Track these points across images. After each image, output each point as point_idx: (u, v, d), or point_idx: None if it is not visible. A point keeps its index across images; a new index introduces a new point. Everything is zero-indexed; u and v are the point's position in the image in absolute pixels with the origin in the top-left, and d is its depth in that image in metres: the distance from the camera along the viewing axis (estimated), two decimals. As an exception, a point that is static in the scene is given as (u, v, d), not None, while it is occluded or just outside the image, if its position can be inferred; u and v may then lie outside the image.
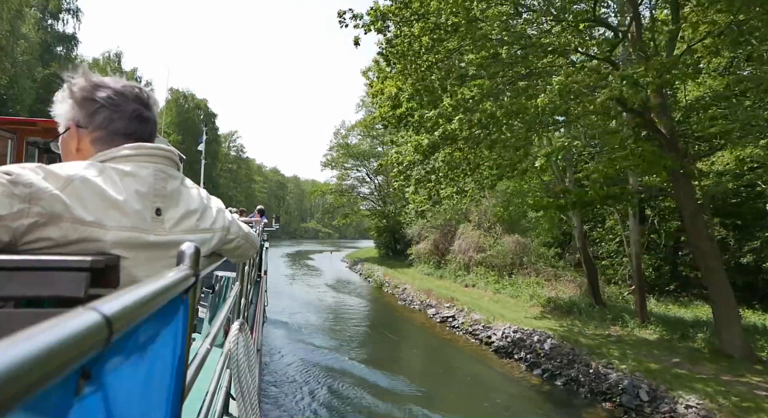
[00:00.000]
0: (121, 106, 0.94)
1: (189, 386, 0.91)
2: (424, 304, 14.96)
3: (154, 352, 0.47)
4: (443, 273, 20.40)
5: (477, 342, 10.91)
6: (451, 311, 13.17)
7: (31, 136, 4.68)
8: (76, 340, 0.25)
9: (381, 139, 30.09)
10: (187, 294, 0.56)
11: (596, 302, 12.27)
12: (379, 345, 11.13)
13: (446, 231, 22.27)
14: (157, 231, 0.87)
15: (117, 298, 0.33)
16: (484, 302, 14.47)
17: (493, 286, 16.32)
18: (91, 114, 0.92)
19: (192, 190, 1.01)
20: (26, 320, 0.22)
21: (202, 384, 1.30)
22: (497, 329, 10.74)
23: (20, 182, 0.70)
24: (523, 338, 9.73)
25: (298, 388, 7.81)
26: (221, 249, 1.09)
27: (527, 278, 15.89)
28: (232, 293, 2.27)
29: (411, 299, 16.16)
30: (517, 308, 13.37)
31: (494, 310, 12.71)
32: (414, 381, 8.39)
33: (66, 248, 0.76)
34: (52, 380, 0.23)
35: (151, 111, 1.00)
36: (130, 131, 0.95)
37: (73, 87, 0.92)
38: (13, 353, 0.20)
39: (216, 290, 4.02)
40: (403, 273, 22.91)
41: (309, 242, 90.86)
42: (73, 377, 0.29)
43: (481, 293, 16.21)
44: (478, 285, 17.11)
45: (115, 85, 0.95)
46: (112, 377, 0.35)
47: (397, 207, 28.14)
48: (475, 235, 19.37)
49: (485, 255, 18.09)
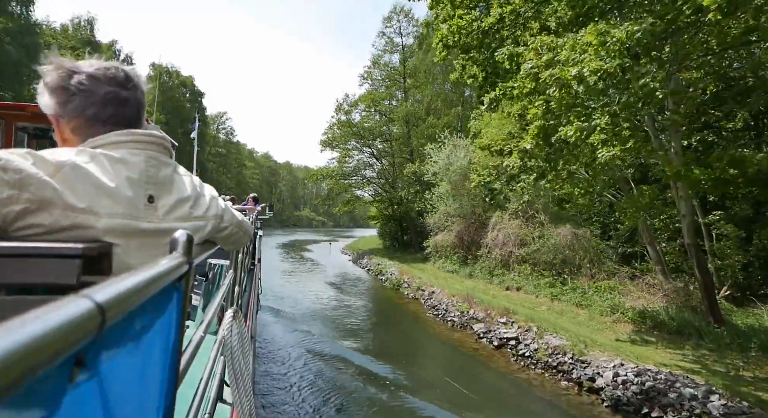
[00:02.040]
0: (93, 90, 0.89)
1: (183, 373, 0.90)
2: (465, 316, 11.50)
3: (147, 339, 0.46)
4: (472, 271, 16.99)
5: (571, 385, 7.49)
6: (511, 329, 9.74)
7: (20, 122, 4.53)
8: (69, 327, 0.25)
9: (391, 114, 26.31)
10: (181, 282, 0.55)
11: (714, 319, 8.91)
12: (430, 394, 7.65)
13: (472, 221, 18.82)
14: (150, 218, 0.86)
15: (110, 285, 0.33)
16: (545, 314, 11.08)
17: (547, 290, 12.92)
18: (64, 103, 0.88)
19: (185, 177, 0.99)
20: (18, 308, 0.22)
21: (196, 371, 1.30)
22: (600, 365, 7.34)
23: (9, 168, 0.69)
24: (658, 386, 6.32)
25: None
26: (215, 237, 1.08)
27: (592, 282, 12.49)
28: (225, 280, 2.18)
29: (445, 308, 12.69)
30: (597, 324, 10.00)
31: (570, 328, 9.32)
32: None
33: (57, 234, 0.74)
34: (45, 367, 0.23)
35: (131, 90, 0.94)
36: (105, 116, 0.90)
37: (46, 78, 0.88)
38: (5, 340, 0.19)
39: (209, 278, 3.71)
40: (420, 270, 19.46)
41: (303, 230, 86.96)
42: (67, 364, 0.29)
43: (532, 299, 12.82)
44: (526, 288, 13.71)
45: (88, 69, 0.89)
46: (105, 365, 0.35)
47: (409, 192, 24.54)
48: (515, 225, 15.93)
49: (530, 250, 14.67)
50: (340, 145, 27.72)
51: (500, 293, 14.01)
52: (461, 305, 12.06)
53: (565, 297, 12.20)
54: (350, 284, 19.59)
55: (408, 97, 26.95)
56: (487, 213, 18.82)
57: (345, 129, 27.53)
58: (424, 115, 25.20)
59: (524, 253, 14.88)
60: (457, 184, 18.99)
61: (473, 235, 18.51)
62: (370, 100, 26.05)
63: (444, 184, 19.26)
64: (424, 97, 25.89)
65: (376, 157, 27.34)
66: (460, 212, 18.80)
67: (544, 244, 14.31)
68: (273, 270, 21.12)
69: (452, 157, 18.53)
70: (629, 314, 9.99)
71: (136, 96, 0.95)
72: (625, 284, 11.97)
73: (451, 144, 19.27)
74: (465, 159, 18.44)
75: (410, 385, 7.64)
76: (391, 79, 27.76)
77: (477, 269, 16.85)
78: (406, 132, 25.86)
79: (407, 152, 27.47)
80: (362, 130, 26.88)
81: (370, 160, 28.91)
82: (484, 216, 18.56)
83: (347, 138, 27.25)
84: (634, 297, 10.99)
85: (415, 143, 25.08)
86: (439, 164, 19.00)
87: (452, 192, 19.16)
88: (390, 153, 27.26)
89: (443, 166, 18.83)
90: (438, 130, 25.50)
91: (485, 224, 18.27)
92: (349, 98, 27.29)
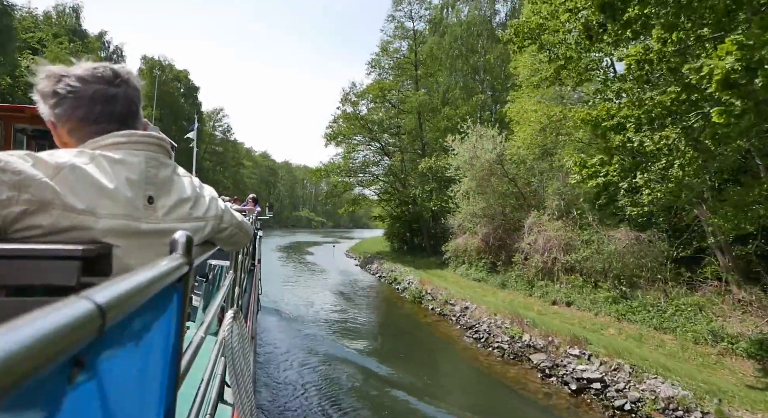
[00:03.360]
0: (81, 91, 0.88)
1: (184, 374, 0.89)
2: (518, 343, 9.15)
3: (148, 340, 0.46)
4: (505, 280, 14.66)
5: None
6: (591, 365, 7.40)
7: (19, 123, 4.52)
8: (69, 329, 0.25)
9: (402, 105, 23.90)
10: (181, 283, 0.54)
11: None
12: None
13: (499, 222, 16.51)
14: (150, 219, 0.86)
15: (110, 286, 0.33)
16: (619, 340, 8.77)
17: (610, 307, 10.60)
18: (54, 107, 0.88)
19: (184, 178, 0.99)
20: (18, 309, 0.23)
21: (197, 372, 1.29)
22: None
23: (9, 170, 0.69)
24: None
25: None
26: (214, 237, 1.07)
27: (669, 298, 10.17)
28: (225, 281, 2.17)
29: (486, 330, 10.32)
30: (696, 357, 7.69)
31: (669, 365, 7.00)
32: None
33: (57, 236, 0.74)
34: (45, 369, 0.22)
35: (120, 87, 0.91)
36: (94, 116, 0.89)
37: (38, 86, 0.88)
38: (5, 342, 0.19)
39: (210, 279, 3.75)
40: (440, 278, 17.14)
41: (302, 231, 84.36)
42: (67, 365, 0.29)
43: (590, 318, 10.51)
44: (579, 304, 11.39)
45: (76, 72, 0.88)
46: (105, 366, 0.35)
47: (424, 190, 22.18)
48: (557, 227, 13.61)
49: (579, 257, 12.35)
50: (346, 139, 25.31)
51: (547, 309, 11.68)
52: (511, 328, 9.70)
53: (636, 317, 9.88)
54: (362, 294, 17.23)
55: (419, 87, 24.57)
56: (517, 213, 16.52)
57: (352, 122, 25.16)
58: (439, 106, 22.80)
59: (571, 260, 12.57)
60: (483, 181, 16.69)
61: (502, 237, 16.20)
62: (378, 89, 23.66)
63: (467, 180, 16.93)
64: (441, 85, 23.43)
65: (386, 153, 24.91)
66: (487, 211, 16.45)
67: (598, 249, 12.00)
68: (273, 276, 18.83)
69: (478, 150, 16.19)
70: (741, 344, 7.67)
71: (126, 92, 0.93)
72: (711, 299, 9.67)
73: (476, 134, 16.92)
74: (493, 152, 16.11)
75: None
76: (401, 67, 25.39)
77: (511, 278, 14.52)
78: (418, 125, 23.46)
79: (419, 147, 25.15)
80: (370, 122, 24.47)
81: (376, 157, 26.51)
82: (514, 217, 16.24)
83: (355, 131, 24.86)
84: (735, 319, 8.67)
85: (429, 137, 22.72)
86: (464, 157, 16.64)
87: (477, 190, 16.84)
88: (400, 148, 24.87)
89: (467, 161, 16.48)
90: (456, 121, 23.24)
91: (517, 225, 15.96)
92: (357, 87, 24.85)
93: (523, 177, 16.86)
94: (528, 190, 16.69)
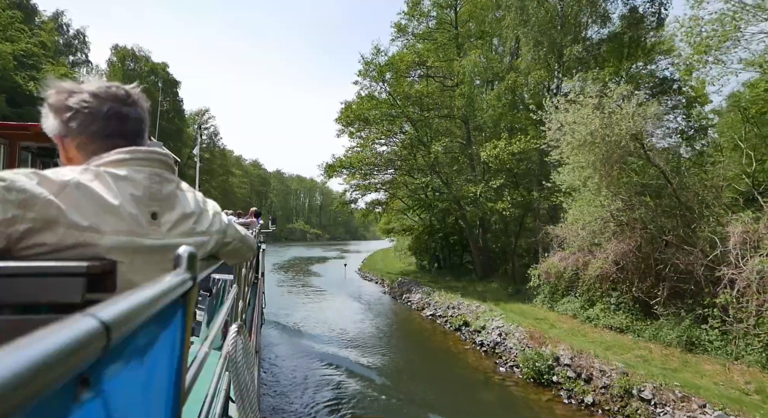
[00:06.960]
0: (95, 107, 0.88)
1: (188, 389, 0.86)
2: None
3: (152, 356, 0.46)
4: (687, 336, 8.38)
5: None
6: None
7: (24, 141, 4.52)
8: (74, 347, 0.24)
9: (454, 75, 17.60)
10: (185, 298, 0.53)
11: None
12: None
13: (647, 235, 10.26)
14: (154, 235, 0.85)
15: (115, 303, 0.33)
16: None
17: None
18: (67, 121, 0.87)
19: (188, 193, 0.98)
20: (24, 327, 0.23)
21: (202, 387, 1.25)
22: None
23: (14, 188, 0.69)
24: None
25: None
26: (218, 252, 1.08)
27: None
28: (229, 295, 2.19)
29: None
30: None
31: None
32: None
33: (62, 253, 0.74)
34: (50, 388, 0.22)
35: (132, 107, 0.93)
36: (108, 132, 0.89)
37: (49, 99, 0.88)
38: (10, 361, 0.19)
39: (213, 293, 3.70)
40: (546, 323, 10.79)
41: (297, 244, 77.36)
42: (72, 384, 0.29)
43: None
44: None
45: (89, 88, 0.89)
46: (110, 383, 0.34)
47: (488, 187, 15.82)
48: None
49: None
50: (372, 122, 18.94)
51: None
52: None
53: None
54: (418, 356, 10.76)
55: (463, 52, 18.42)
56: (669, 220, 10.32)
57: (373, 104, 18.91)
58: (503, 72, 16.61)
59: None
60: (609, 168, 10.51)
61: (654, 261, 9.95)
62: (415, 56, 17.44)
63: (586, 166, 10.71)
64: (504, 40, 17.02)
65: (422, 142, 18.58)
66: (629, 216, 10.20)
67: None
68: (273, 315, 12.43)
69: (614, 116, 10.00)
70: None
71: (137, 112, 0.93)
72: None
73: (596, 95, 10.72)
74: (632, 120, 9.93)
75: None
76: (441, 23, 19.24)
77: (702, 334, 8.25)
78: (467, 102, 17.26)
79: (464, 134, 18.99)
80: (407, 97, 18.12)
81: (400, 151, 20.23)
82: (679, 226, 9.98)
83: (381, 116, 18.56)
84: None
85: (486, 116, 16.50)
86: (581, 133, 10.41)
87: (602, 182, 10.64)
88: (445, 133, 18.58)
89: (590, 133, 10.25)
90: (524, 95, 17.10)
91: (683, 240, 9.73)
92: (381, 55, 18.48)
93: (673, 164, 10.75)
94: (682, 181, 10.50)
